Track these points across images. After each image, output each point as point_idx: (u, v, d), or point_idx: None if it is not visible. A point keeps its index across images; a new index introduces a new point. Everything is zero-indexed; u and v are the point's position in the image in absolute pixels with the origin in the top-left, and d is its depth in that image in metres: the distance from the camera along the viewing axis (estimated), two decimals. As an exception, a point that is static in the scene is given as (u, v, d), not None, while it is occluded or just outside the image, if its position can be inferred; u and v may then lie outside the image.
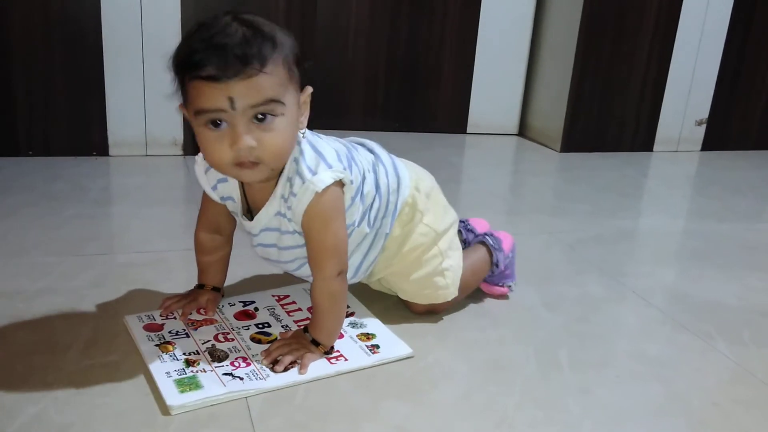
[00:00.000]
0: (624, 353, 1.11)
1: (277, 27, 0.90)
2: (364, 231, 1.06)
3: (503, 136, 2.73)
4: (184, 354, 0.99)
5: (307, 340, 1.01)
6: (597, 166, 2.37)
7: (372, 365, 1.01)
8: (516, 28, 2.63)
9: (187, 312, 1.10)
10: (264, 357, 0.98)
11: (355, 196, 1.02)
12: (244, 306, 1.15)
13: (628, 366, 1.07)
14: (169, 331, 1.05)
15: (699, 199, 2.10)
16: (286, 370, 0.96)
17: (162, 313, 1.10)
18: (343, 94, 2.57)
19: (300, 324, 1.09)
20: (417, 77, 2.61)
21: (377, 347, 1.05)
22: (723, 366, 1.09)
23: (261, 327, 1.09)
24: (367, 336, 1.08)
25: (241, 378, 0.94)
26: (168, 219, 1.60)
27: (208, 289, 1.14)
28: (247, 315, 1.12)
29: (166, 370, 0.95)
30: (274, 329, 1.08)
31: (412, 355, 1.04)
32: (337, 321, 1.03)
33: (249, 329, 1.08)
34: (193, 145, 2.04)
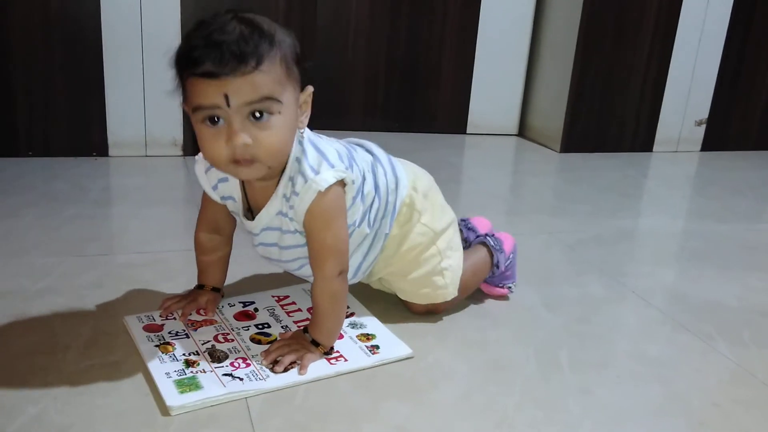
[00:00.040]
0: (624, 353, 1.11)
1: (278, 26, 0.90)
2: (364, 231, 1.06)
3: (503, 136, 2.73)
4: (183, 354, 0.99)
5: (307, 340, 1.01)
6: (597, 166, 2.36)
7: (372, 366, 1.01)
8: (516, 28, 2.63)
9: (187, 312, 1.10)
10: (264, 357, 0.98)
11: (356, 196, 1.02)
12: (243, 306, 1.15)
13: (628, 366, 1.07)
14: (169, 332, 1.05)
15: (699, 200, 2.10)
16: (285, 370, 0.96)
17: (162, 314, 1.10)
18: (343, 94, 2.57)
19: (300, 324, 1.09)
20: (417, 77, 2.61)
21: (377, 348, 1.05)
22: (723, 366, 1.09)
23: (261, 327, 1.09)
24: (367, 336, 1.08)
25: (241, 378, 0.94)
26: (168, 219, 1.60)
27: (207, 290, 1.14)
28: (247, 315, 1.12)
29: (165, 370, 0.95)
30: (273, 330, 1.08)
31: (412, 356, 1.04)
32: (337, 321, 1.03)
33: (249, 330, 1.08)
34: (193, 146, 2.04)
